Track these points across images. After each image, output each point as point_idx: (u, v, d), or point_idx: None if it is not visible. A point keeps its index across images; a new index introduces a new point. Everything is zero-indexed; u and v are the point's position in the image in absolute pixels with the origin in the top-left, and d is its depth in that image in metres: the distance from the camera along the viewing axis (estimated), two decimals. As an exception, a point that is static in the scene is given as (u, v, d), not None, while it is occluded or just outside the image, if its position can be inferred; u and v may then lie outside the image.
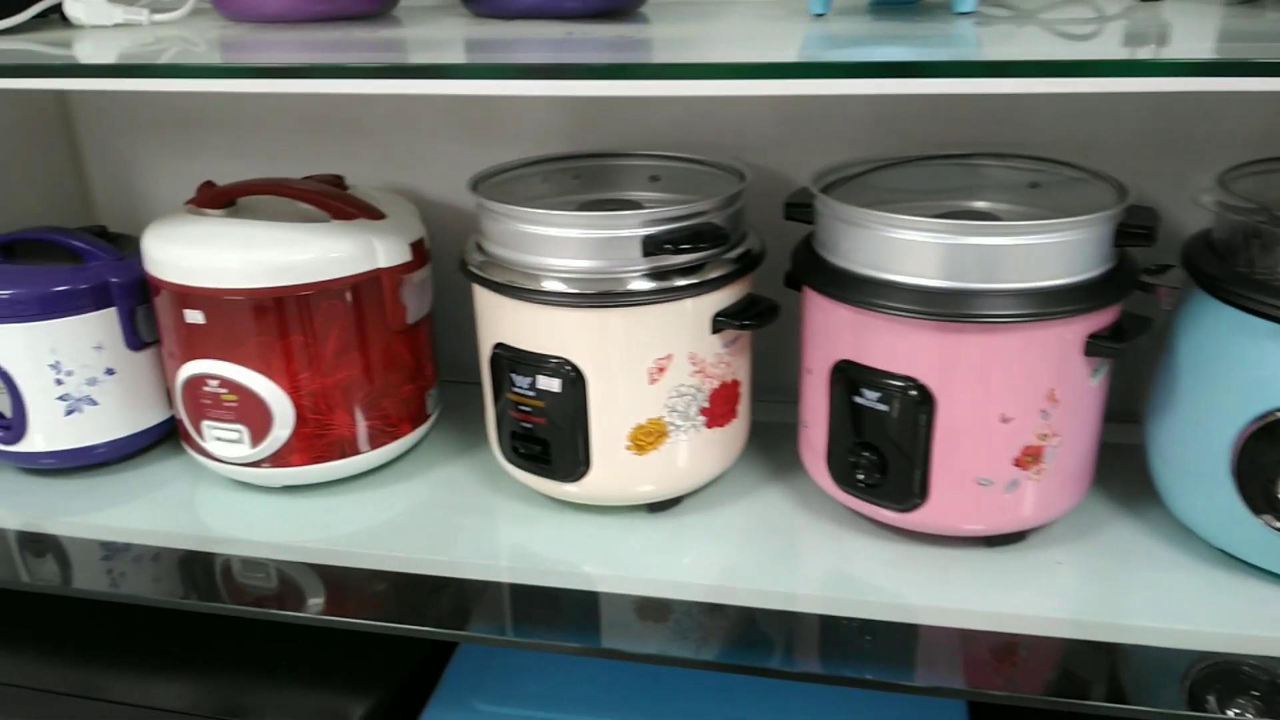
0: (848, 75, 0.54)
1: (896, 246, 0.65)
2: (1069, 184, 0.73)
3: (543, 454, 0.73)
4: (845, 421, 0.69)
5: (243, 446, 0.77)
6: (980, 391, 0.65)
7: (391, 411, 0.81)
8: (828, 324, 0.70)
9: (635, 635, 0.68)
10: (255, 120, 0.95)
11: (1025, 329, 0.63)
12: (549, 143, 0.89)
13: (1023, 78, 0.53)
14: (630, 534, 0.76)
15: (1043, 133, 0.82)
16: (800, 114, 0.85)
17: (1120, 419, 0.75)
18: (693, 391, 0.72)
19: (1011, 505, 0.68)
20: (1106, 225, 0.64)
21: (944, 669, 0.64)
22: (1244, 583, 0.68)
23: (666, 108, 0.87)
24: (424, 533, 0.77)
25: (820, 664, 0.66)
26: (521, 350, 0.71)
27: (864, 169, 0.76)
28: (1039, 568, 0.70)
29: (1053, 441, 0.67)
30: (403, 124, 0.92)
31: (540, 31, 0.69)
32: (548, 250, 0.69)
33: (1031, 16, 0.70)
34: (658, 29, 0.71)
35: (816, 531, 0.75)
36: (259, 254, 0.73)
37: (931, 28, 0.66)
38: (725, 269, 0.71)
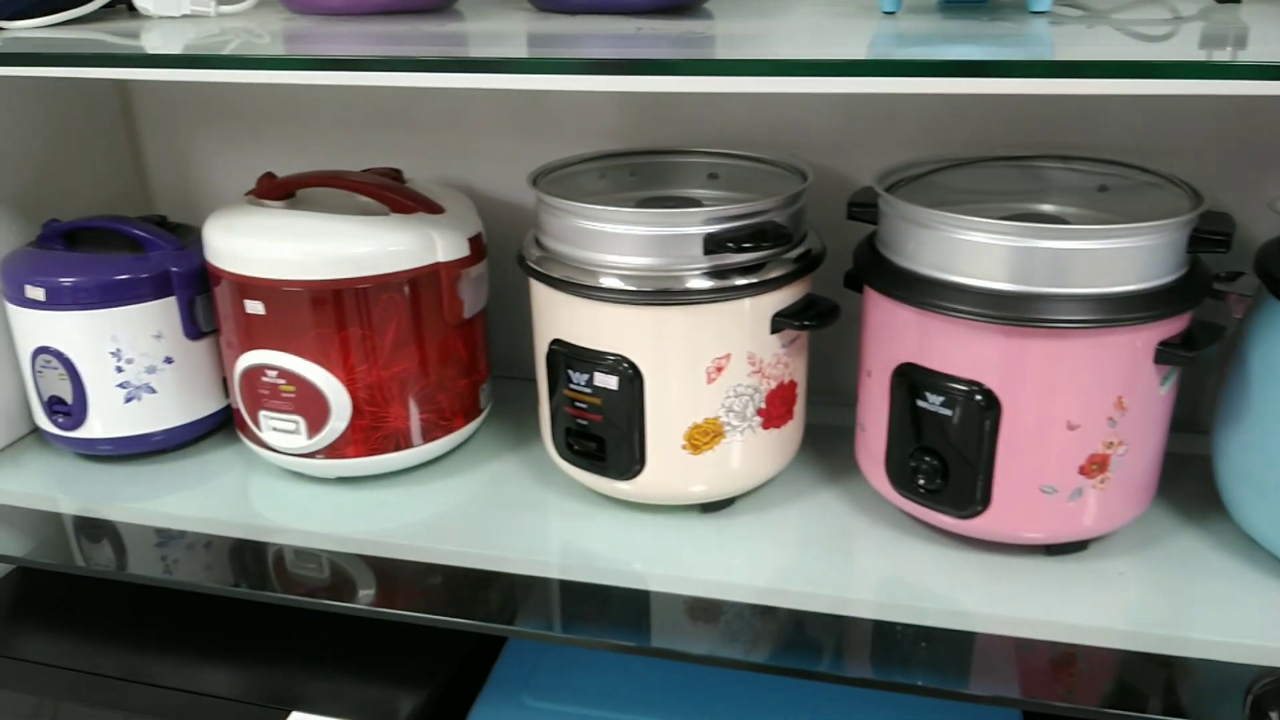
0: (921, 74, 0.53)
1: (964, 248, 0.64)
2: (1139, 188, 0.72)
3: (598, 451, 0.73)
4: (906, 425, 0.69)
5: (299, 437, 0.78)
6: (1047, 397, 0.64)
7: (446, 405, 0.81)
8: (890, 326, 0.69)
9: (685, 635, 0.67)
10: (312, 112, 0.96)
11: (1095, 335, 0.62)
12: (604, 139, 0.88)
13: (1097, 79, 0.52)
14: (683, 534, 0.75)
15: (1110, 135, 0.80)
16: (860, 113, 0.85)
17: (1184, 428, 0.74)
18: (750, 392, 0.72)
19: (1075, 514, 0.67)
20: (1181, 231, 0.63)
21: (1000, 678, 0.63)
22: (1315, 598, 0.66)
23: (725, 105, 0.86)
24: (475, 527, 0.77)
25: (873, 669, 0.65)
26: (579, 347, 0.71)
27: (927, 169, 0.75)
28: (1100, 578, 0.69)
29: (1119, 450, 0.65)
30: (458, 118, 0.92)
31: (607, 26, 0.69)
32: (608, 247, 0.69)
33: (1104, 16, 0.69)
34: (728, 24, 0.71)
35: (871, 536, 0.75)
36: (320, 246, 0.74)
37: (1004, 27, 0.65)
38: (786, 269, 0.70)
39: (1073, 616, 0.66)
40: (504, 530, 0.77)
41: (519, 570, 0.73)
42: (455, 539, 0.76)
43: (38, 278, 0.80)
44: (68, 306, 0.80)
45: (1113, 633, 0.65)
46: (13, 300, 0.82)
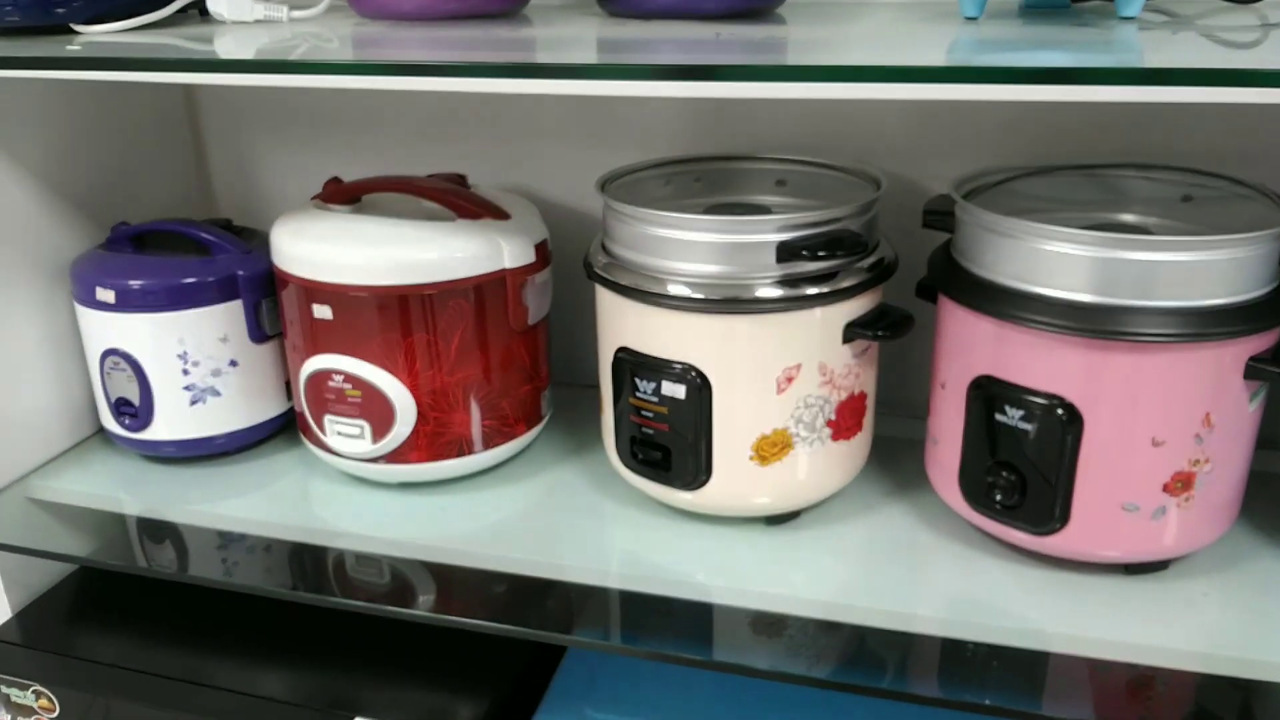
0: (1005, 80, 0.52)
1: (1045, 258, 0.62)
2: (1225, 199, 0.70)
3: (663, 461, 0.72)
4: (982, 439, 0.67)
5: (364, 442, 0.78)
6: (1131, 413, 0.62)
7: (509, 412, 0.80)
8: (967, 337, 0.67)
9: (748, 649, 0.66)
10: (376, 118, 0.96)
11: (1181, 349, 0.60)
12: (668, 145, 0.88)
13: (1184, 86, 0.50)
14: (747, 546, 0.74)
15: (1193, 144, 0.78)
16: (931, 120, 0.83)
17: (1270, 446, 0.72)
18: (820, 403, 0.70)
19: (1156, 533, 0.65)
20: (1271, 244, 0.61)
21: (1073, 699, 0.62)
22: (1404, 625, 0.64)
23: (792, 110, 0.85)
24: (536, 534, 0.77)
25: (940, 687, 0.63)
26: (646, 355, 0.70)
27: (1003, 177, 0.73)
28: (1181, 599, 0.67)
29: (1205, 468, 0.64)
30: (522, 124, 0.92)
31: (682, 32, 0.68)
32: (676, 254, 0.68)
33: (1190, 22, 0.67)
34: (804, 30, 0.70)
35: (941, 551, 0.73)
36: (387, 251, 0.74)
37: (1088, 32, 0.64)
38: (858, 278, 0.69)
39: (1151, 638, 0.64)
40: (565, 538, 0.76)
41: (579, 579, 0.72)
42: (516, 546, 0.75)
43: (108, 280, 0.81)
44: (137, 309, 0.80)
45: (1192, 655, 0.63)
46: (83, 302, 0.83)
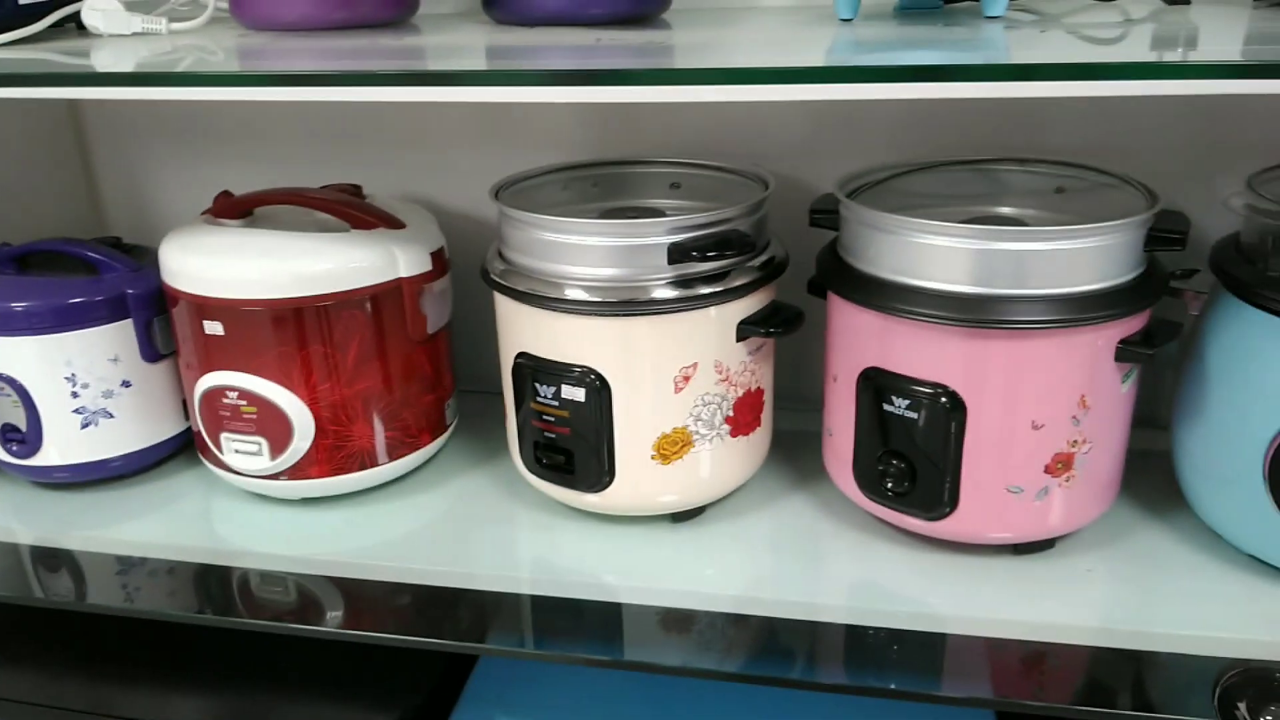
0: (878, 79, 0.53)
1: (925, 252, 0.64)
2: (1095, 189, 0.73)
3: (566, 464, 0.73)
4: (872, 429, 0.69)
5: (262, 459, 0.77)
6: (1012, 398, 0.64)
7: (411, 422, 0.80)
8: (854, 331, 0.69)
9: (659, 647, 0.67)
10: (269, 129, 0.95)
11: (1057, 335, 0.63)
12: (568, 150, 0.88)
13: (1051, 81, 0.52)
14: (653, 544, 0.75)
15: (1069, 137, 0.82)
16: (823, 120, 0.85)
17: (1146, 425, 0.75)
18: (718, 400, 0.72)
19: (1041, 513, 0.68)
20: (1137, 230, 0.64)
21: (972, 678, 0.64)
22: (1275, 588, 0.67)
23: (687, 114, 0.86)
24: (444, 544, 0.77)
25: (846, 674, 0.65)
26: (544, 360, 0.71)
27: (888, 175, 0.75)
28: (1068, 576, 0.70)
29: (1083, 448, 0.66)
30: (418, 132, 0.92)
31: (566, 38, 0.69)
32: (572, 258, 0.69)
33: (1057, 20, 0.70)
34: (686, 34, 0.71)
35: (841, 540, 0.75)
36: (279, 264, 0.73)
37: (959, 32, 0.66)
38: (750, 276, 0.70)
39: (1041, 615, 0.67)
40: (473, 547, 0.76)
41: (489, 587, 0.72)
42: (424, 557, 0.75)
43: (-11, 303, 0.78)
44: (20, 331, 0.78)
45: (1081, 630, 0.66)
46: (-37, 326, 0.80)
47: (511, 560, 0.75)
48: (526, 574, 0.74)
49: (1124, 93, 0.52)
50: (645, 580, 0.72)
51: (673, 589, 0.71)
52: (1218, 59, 0.52)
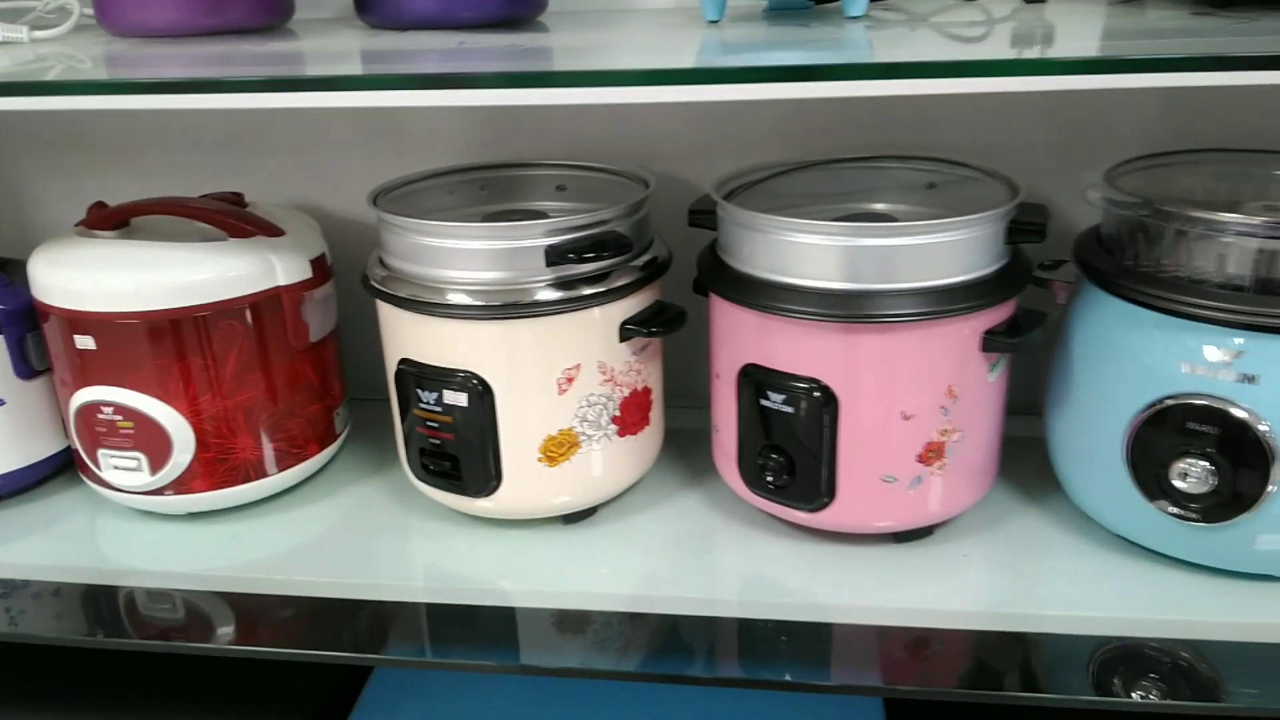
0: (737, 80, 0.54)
1: (795, 250, 0.65)
2: (964, 183, 0.74)
3: (452, 470, 0.72)
4: (753, 424, 0.70)
5: (142, 474, 0.75)
6: (881, 390, 0.66)
7: (298, 432, 0.79)
8: (733, 328, 0.70)
9: (554, 649, 0.67)
10: (148, 139, 0.92)
11: (923, 327, 0.64)
12: (457, 154, 0.88)
13: (917, 79, 0.54)
14: (546, 546, 0.75)
15: (944, 134, 0.83)
16: (708, 121, 0.86)
17: (1024, 412, 0.77)
18: (603, 400, 0.72)
19: (917, 501, 0.69)
20: (998, 223, 0.66)
21: (859, 666, 0.65)
22: (1142, 567, 0.69)
23: (574, 117, 0.87)
24: (336, 555, 0.76)
25: (740, 668, 0.66)
26: (427, 365, 0.70)
27: (766, 174, 0.77)
28: (947, 562, 0.71)
29: (954, 437, 0.68)
30: (306, 138, 0.90)
31: (434, 42, 0.68)
32: (450, 263, 0.68)
33: (924, 20, 0.72)
34: (556, 37, 0.71)
35: (731, 535, 0.76)
36: (151, 275, 0.71)
37: (825, 32, 0.67)
38: (631, 277, 0.71)
39: (923, 601, 0.68)
40: (366, 557, 0.75)
41: (382, 597, 0.71)
42: (316, 569, 0.74)
43: None
44: (-116, 351, 0.75)
45: (962, 614, 0.67)
46: None
47: (403, 569, 0.74)
48: (419, 582, 0.73)
49: (987, 89, 0.54)
50: (539, 583, 0.72)
51: (566, 591, 0.71)
52: (1076, 55, 0.54)
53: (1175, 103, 0.80)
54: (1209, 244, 0.62)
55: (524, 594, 0.71)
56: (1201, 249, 0.62)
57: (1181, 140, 0.77)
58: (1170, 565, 0.69)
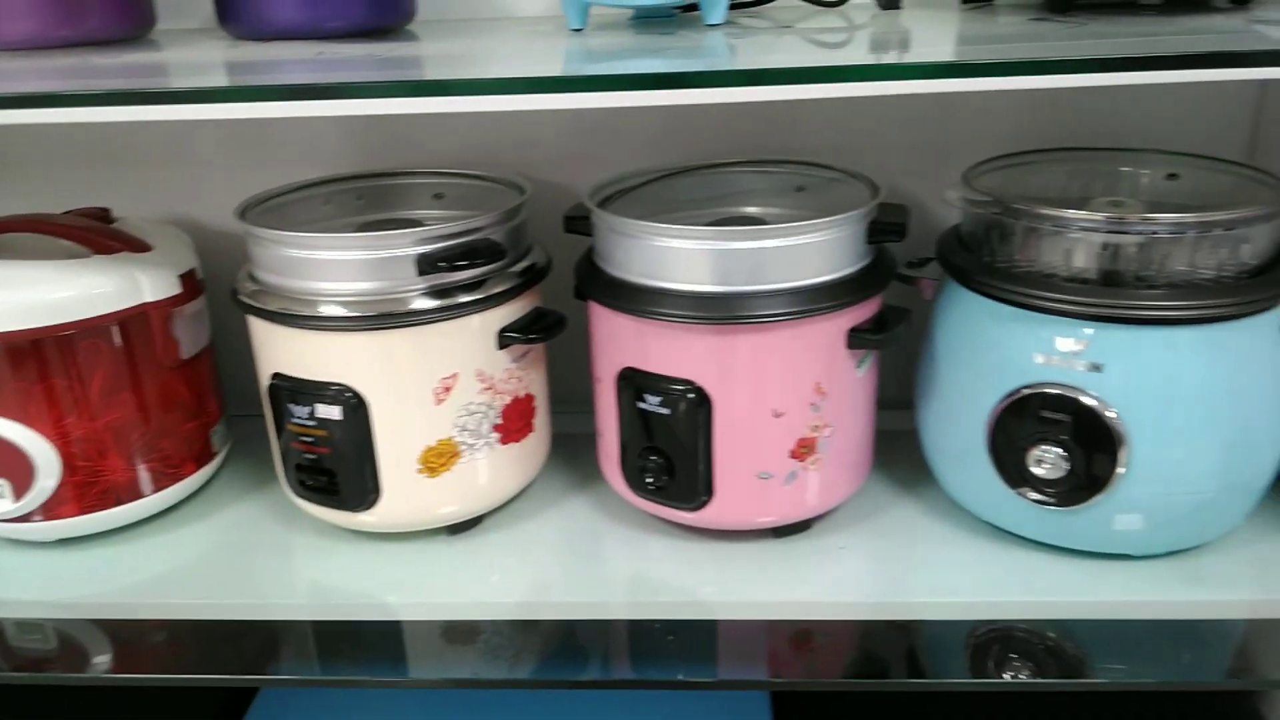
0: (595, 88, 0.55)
1: (666, 255, 0.66)
2: (831, 186, 0.76)
3: (330, 485, 0.71)
4: (633, 427, 0.70)
5: (5, 501, 0.72)
6: (752, 389, 0.67)
7: (172, 452, 0.77)
8: (611, 333, 0.71)
9: (444, 661, 0.67)
10: (9, 155, 0.89)
11: (790, 326, 0.66)
12: (334, 164, 0.86)
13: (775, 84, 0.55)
14: (431, 558, 0.74)
15: (816, 138, 0.85)
16: (586, 128, 0.87)
17: (899, 406, 0.79)
18: (483, 409, 0.72)
19: (793, 496, 0.71)
20: (859, 223, 0.67)
21: (746, 661, 0.66)
22: (1012, 552, 0.72)
23: (452, 125, 0.86)
24: (217, 576, 0.74)
25: (632, 669, 0.66)
26: (299, 379, 0.69)
27: (641, 181, 0.77)
28: (826, 554, 0.73)
29: (825, 432, 0.69)
30: (174, 152, 0.88)
31: (298, 52, 0.68)
32: (320, 274, 0.68)
33: (790, 27, 0.73)
34: (421, 46, 0.71)
35: (618, 538, 0.76)
36: (10, 294, 0.69)
37: (689, 39, 0.68)
38: (509, 284, 0.71)
39: (804, 594, 0.69)
40: (248, 576, 0.74)
41: (266, 616, 0.70)
42: (196, 591, 0.72)
43: None
44: None
45: (842, 605, 0.69)
46: None
47: (286, 587, 0.73)
48: (302, 600, 0.72)
49: (848, 94, 0.55)
50: (426, 595, 0.71)
51: (454, 601, 0.70)
52: (930, 59, 0.56)
53: (1030, 104, 0.83)
54: (1057, 240, 0.65)
55: (411, 607, 0.71)
56: (1051, 245, 0.65)
57: (1038, 140, 0.80)
58: (1037, 549, 0.71)
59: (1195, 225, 0.62)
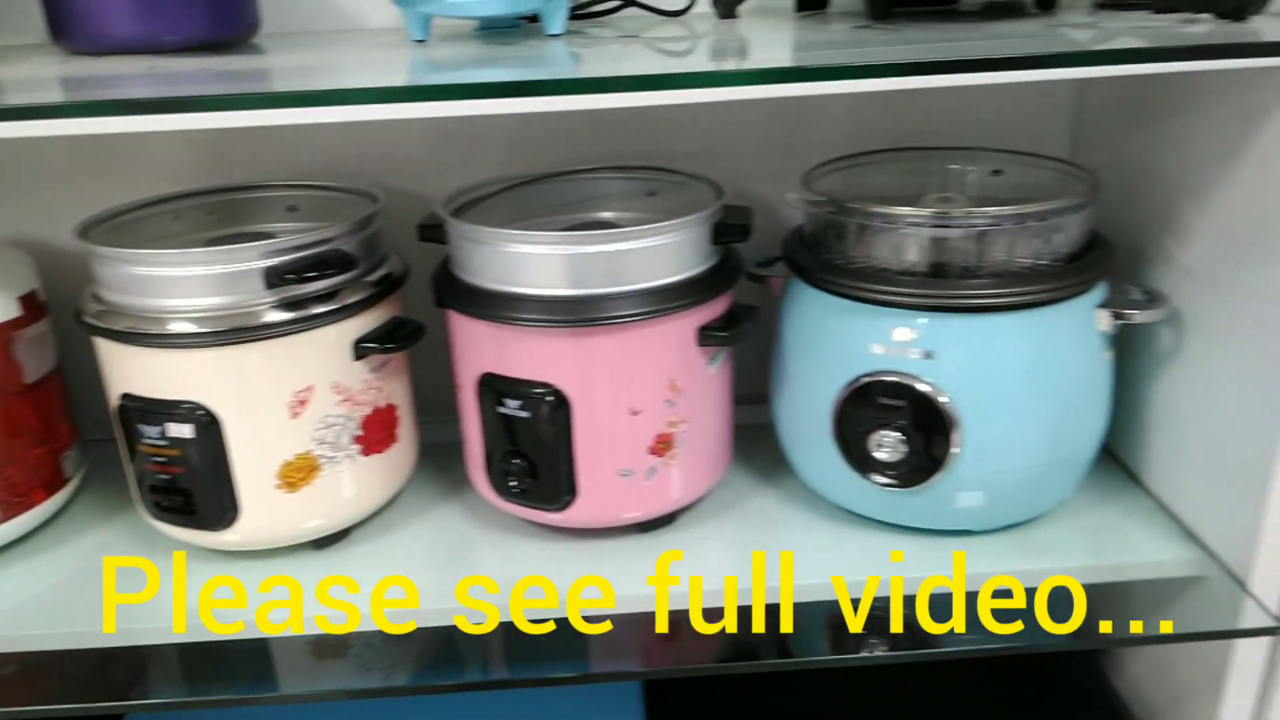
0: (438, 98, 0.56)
1: (516, 260, 0.67)
2: (681, 190, 0.78)
3: (186, 505, 0.70)
4: (495, 432, 0.71)
5: None
6: (609, 389, 0.69)
7: (20, 480, 0.74)
8: (469, 340, 0.71)
9: (316, 675, 0.66)
10: None
11: (641, 326, 0.68)
12: (186, 179, 0.85)
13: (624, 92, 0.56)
14: (297, 573, 0.74)
15: (673, 144, 0.87)
16: (442, 137, 0.87)
17: (760, 400, 0.82)
18: (342, 421, 0.72)
19: (655, 491, 0.73)
20: (704, 225, 0.70)
21: (618, 655, 0.68)
22: (861, 534, 0.75)
23: (305, 137, 0.86)
24: (76, 605, 0.72)
25: (507, 670, 0.67)
26: (148, 399, 0.68)
27: (497, 188, 0.78)
28: (689, 546, 0.75)
29: (682, 428, 0.72)
30: (15, 169, 0.85)
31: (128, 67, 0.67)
32: (165, 291, 0.66)
33: (635, 36, 0.75)
34: (262, 59, 0.71)
35: (487, 543, 0.77)
36: None
37: (534, 49, 0.69)
38: (363, 294, 0.71)
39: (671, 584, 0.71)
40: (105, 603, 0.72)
41: (131, 642, 0.68)
42: (53, 621, 0.70)
43: None
44: None
45: (708, 594, 0.71)
46: None
47: (150, 611, 0.71)
48: (166, 623, 0.70)
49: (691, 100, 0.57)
50: (292, 610, 0.70)
51: (323, 615, 0.70)
52: (761, 65, 0.58)
53: (868, 106, 0.88)
54: (888, 236, 0.69)
55: (279, 623, 0.70)
56: (882, 241, 0.69)
57: (879, 140, 0.84)
58: (887, 530, 0.75)
59: (1012, 217, 0.67)
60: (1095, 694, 0.85)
